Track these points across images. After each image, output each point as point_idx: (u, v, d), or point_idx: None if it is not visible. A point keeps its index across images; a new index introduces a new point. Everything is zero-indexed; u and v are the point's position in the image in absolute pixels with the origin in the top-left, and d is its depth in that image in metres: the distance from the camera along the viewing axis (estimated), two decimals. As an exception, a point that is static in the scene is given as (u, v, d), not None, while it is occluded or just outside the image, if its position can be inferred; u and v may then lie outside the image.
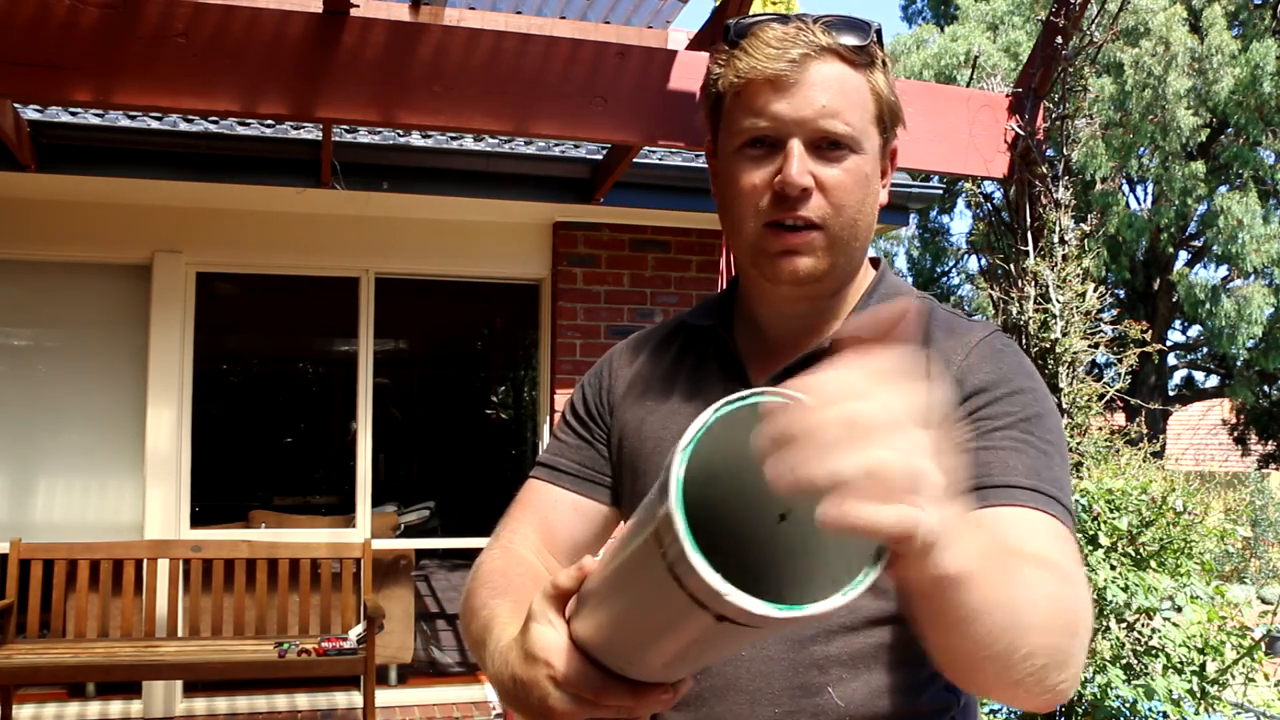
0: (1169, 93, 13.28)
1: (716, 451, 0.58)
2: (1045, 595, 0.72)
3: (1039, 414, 0.95)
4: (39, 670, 4.08)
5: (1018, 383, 0.96)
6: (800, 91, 0.94)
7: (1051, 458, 0.92)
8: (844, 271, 1.02)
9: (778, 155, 0.95)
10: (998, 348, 1.00)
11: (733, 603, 0.51)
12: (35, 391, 4.93)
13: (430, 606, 7.27)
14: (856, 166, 0.96)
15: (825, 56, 0.95)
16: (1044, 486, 0.89)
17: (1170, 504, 3.07)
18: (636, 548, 0.60)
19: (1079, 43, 3.40)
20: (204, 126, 4.54)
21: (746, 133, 0.97)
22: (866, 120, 0.97)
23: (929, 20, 18.27)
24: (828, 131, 0.94)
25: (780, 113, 0.95)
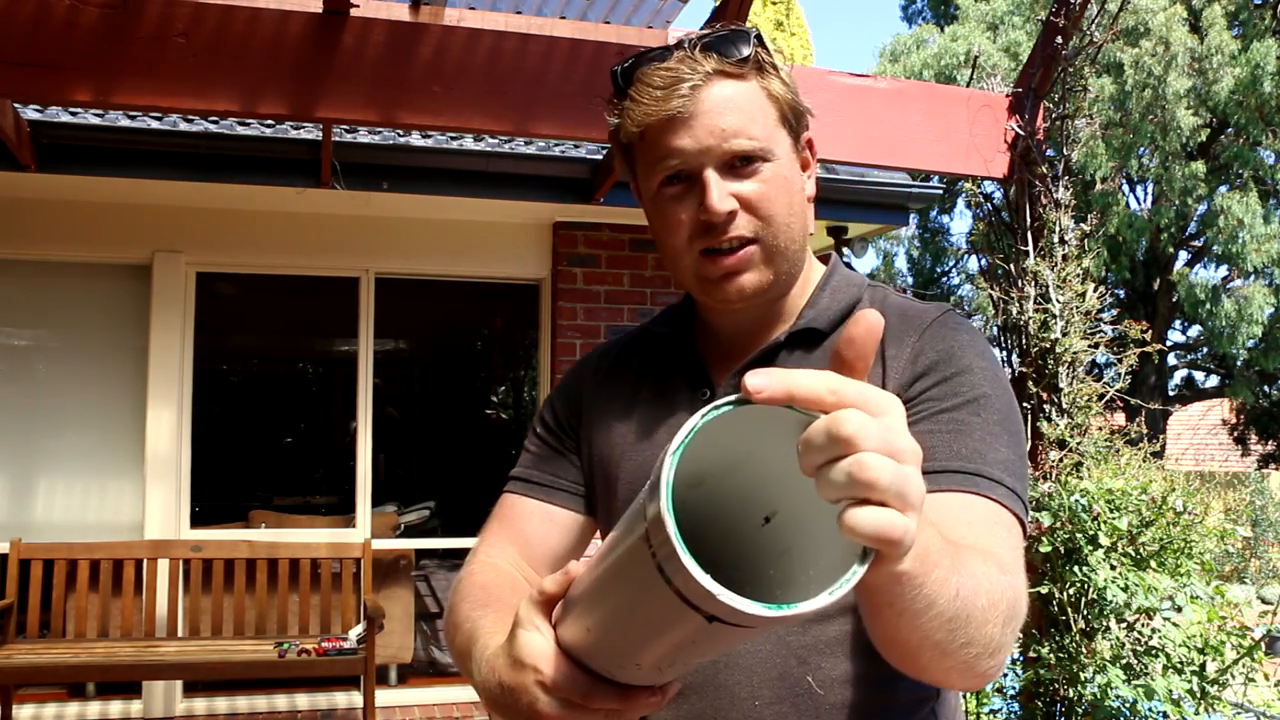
0: (1169, 93, 13.28)
1: (703, 455, 0.58)
2: (985, 588, 0.73)
3: (985, 394, 0.94)
4: (39, 670, 4.08)
5: (965, 361, 0.96)
6: (699, 122, 0.95)
7: (997, 438, 0.91)
8: (790, 274, 1.04)
9: (695, 186, 0.97)
10: (950, 326, 1.00)
11: (724, 603, 0.51)
12: (35, 391, 4.93)
13: (430, 606, 7.27)
14: (773, 174, 0.98)
15: (713, 80, 0.96)
16: (987, 470, 0.89)
17: (1170, 504, 3.07)
18: (625, 549, 0.60)
19: (1079, 43, 3.40)
20: (204, 126, 4.54)
21: (660, 173, 0.99)
22: (771, 126, 0.98)
23: (929, 20, 18.28)
24: (735, 151, 0.96)
25: (685, 148, 0.96)
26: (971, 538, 0.82)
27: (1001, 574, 0.77)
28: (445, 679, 5.47)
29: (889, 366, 0.98)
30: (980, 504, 0.87)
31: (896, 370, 0.97)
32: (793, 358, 1.04)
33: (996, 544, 0.83)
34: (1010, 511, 0.88)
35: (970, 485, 0.88)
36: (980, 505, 0.87)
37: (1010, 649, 0.78)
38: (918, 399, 0.95)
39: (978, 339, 1.00)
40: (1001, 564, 0.79)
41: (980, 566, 0.74)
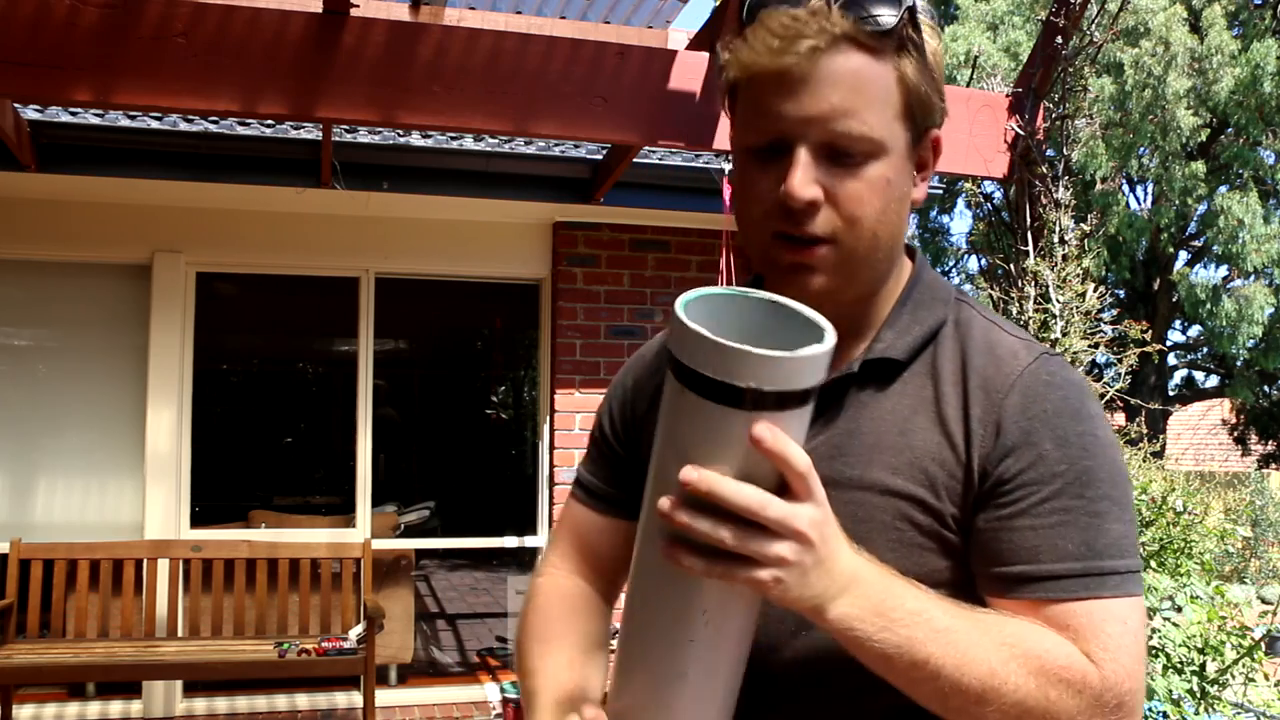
0: (1169, 93, 13.27)
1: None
2: (989, 673, 0.78)
3: (1089, 468, 0.85)
4: (39, 670, 4.08)
5: (1066, 428, 0.86)
6: (808, 89, 0.83)
7: (1104, 516, 0.84)
8: (869, 284, 0.93)
9: (785, 159, 0.85)
10: (1043, 380, 0.88)
11: (753, 354, 0.64)
12: (35, 391, 4.93)
13: (430, 606, 7.27)
14: (877, 173, 0.86)
15: (840, 46, 0.83)
16: (1095, 566, 0.83)
17: (1170, 504, 3.07)
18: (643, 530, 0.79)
19: (1079, 43, 3.40)
20: (204, 126, 4.54)
21: (751, 134, 0.88)
22: (889, 117, 0.86)
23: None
24: (839, 134, 0.84)
25: (785, 113, 0.84)
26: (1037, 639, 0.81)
27: (1031, 676, 0.79)
28: (445, 679, 5.47)
29: (972, 430, 0.88)
30: (1092, 607, 0.83)
31: (980, 438, 0.88)
32: (864, 394, 0.93)
33: (1100, 650, 0.81)
34: (1124, 597, 0.83)
35: (1080, 589, 0.83)
36: (1089, 608, 0.83)
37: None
38: (1010, 483, 0.86)
39: (1073, 391, 0.89)
40: (1044, 669, 0.79)
41: (996, 652, 0.78)
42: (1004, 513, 0.86)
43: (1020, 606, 0.84)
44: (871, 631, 0.75)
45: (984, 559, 0.87)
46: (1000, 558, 0.86)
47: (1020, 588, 0.84)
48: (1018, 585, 0.85)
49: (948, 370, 0.92)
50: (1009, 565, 0.85)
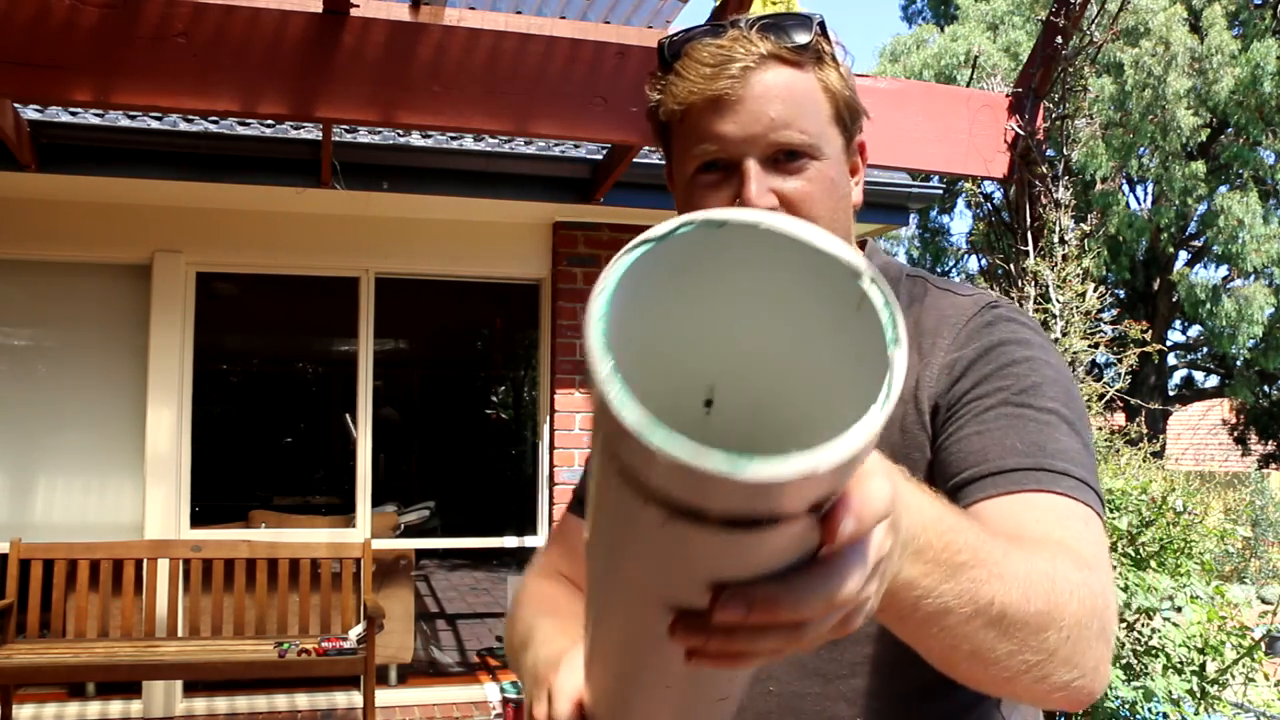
0: (1169, 93, 13.28)
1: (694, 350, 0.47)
2: (1043, 590, 0.65)
3: (1036, 383, 0.85)
4: (39, 670, 4.08)
5: (1009, 353, 0.88)
6: (745, 108, 0.88)
7: (1054, 427, 0.82)
8: None
9: (734, 178, 0.90)
10: (988, 320, 0.91)
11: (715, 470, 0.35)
12: (35, 391, 4.93)
13: (430, 606, 7.28)
14: (820, 173, 0.90)
15: (767, 64, 0.89)
16: (1049, 462, 0.79)
17: (1170, 504, 3.07)
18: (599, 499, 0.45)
19: (1079, 43, 3.41)
20: (204, 126, 4.54)
21: (697, 159, 0.91)
22: (823, 122, 0.91)
23: (929, 20, 18.28)
24: (782, 144, 0.89)
25: (728, 134, 0.89)
26: (1039, 535, 0.74)
27: (1076, 570, 0.69)
28: (445, 679, 5.47)
29: (922, 385, 0.90)
30: (1045, 500, 0.78)
31: (930, 381, 0.89)
32: None
33: (1070, 538, 0.74)
34: (1082, 504, 0.78)
35: (1032, 483, 0.78)
36: (1045, 501, 0.77)
37: (1098, 657, 0.69)
38: (958, 404, 0.86)
39: (1022, 326, 0.91)
40: (1078, 559, 0.70)
41: (1041, 564, 0.66)
42: (951, 429, 0.86)
43: (978, 510, 0.79)
44: (933, 584, 0.60)
45: (940, 480, 0.85)
46: (950, 469, 0.84)
47: (970, 490, 0.80)
48: (967, 489, 0.81)
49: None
50: (959, 473, 0.83)
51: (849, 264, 0.43)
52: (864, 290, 0.42)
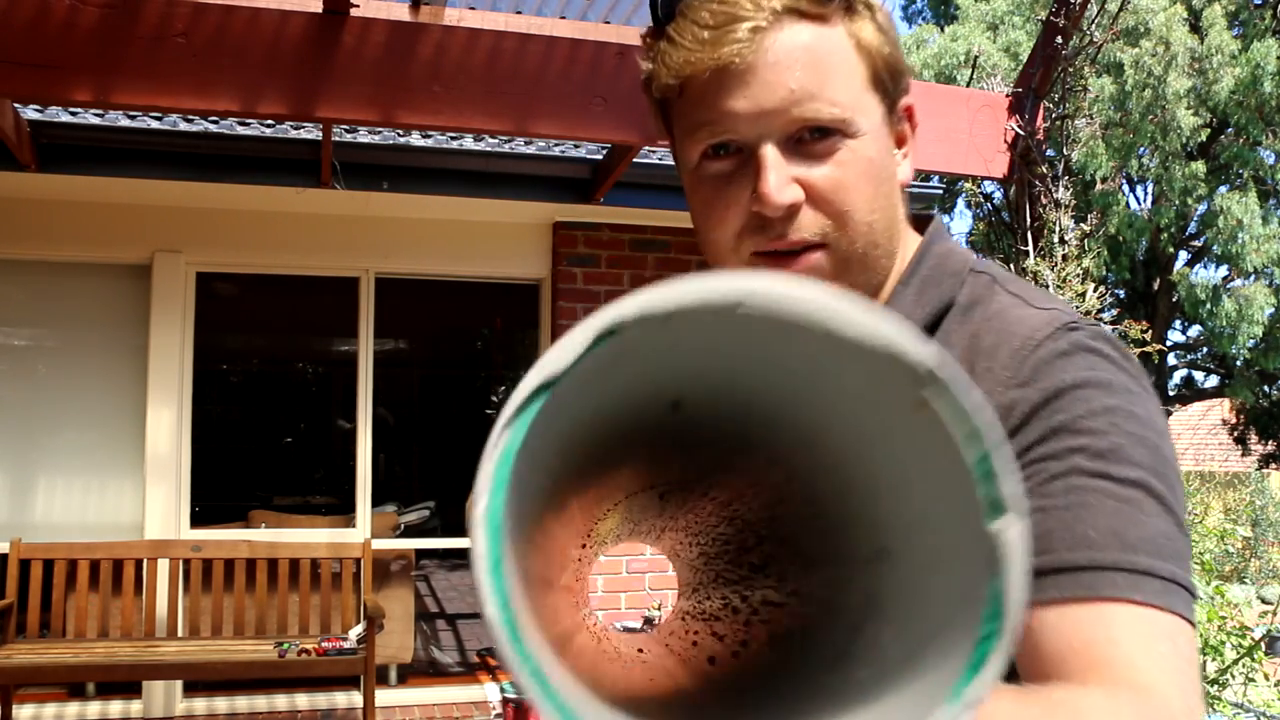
0: (1169, 93, 13.28)
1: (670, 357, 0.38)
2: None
3: (1118, 444, 0.65)
4: (39, 670, 4.08)
5: (1087, 399, 0.67)
6: (759, 78, 0.70)
7: (1139, 505, 0.63)
8: (872, 284, 0.79)
9: (749, 166, 0.72)
10: (1061, 349, 0.70)
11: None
12: (35, 391, 4.93)
13: (430, 606, 7.28)
14: (856, 154, 0.72)
15: (783, 21, 0.70)
16: (1129, 559, 0.62)
17: (1170, 504, 3.07)
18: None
19: (1079, 43, 3.40)
20: (204, 126, 4.54)
21: (700, 144, 0.74)
22: (857, 89, 0.73)
23: (929, 20, 18.28)
24: (807, 120, 0.71)
25: (739, 112, 0.71)
26: (1109, 670, 0.58)
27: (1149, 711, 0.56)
28: (445, 679, 5.47)
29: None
30: (1124, 613, 0.60)
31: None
32: None
33: (1154, 672, 0.58)
34: (1171, 613, 0.61)
35: (1107, 588, 0.61)
36: (1124, 615, 0.60)
37: None
38: (1022, 461, 0.68)
39: (1106, 361, 0.70)
40: (1149, 706, 0.56)
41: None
42: None
43: (1031, 618, 0.63)
44: None
45: None
46: None
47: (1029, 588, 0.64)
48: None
49: (955, 355, 0.76)
50: None
51: (905, 356, 0.31)
52: (925, 399, 0.31)
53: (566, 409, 0.34)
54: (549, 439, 0.34)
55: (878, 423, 0.34)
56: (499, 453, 0.30)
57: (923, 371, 0.31)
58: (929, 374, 0.31)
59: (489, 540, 0.29)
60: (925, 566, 0.34)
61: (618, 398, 0.39)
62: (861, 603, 0.39)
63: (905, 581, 0.36)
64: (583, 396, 0.35)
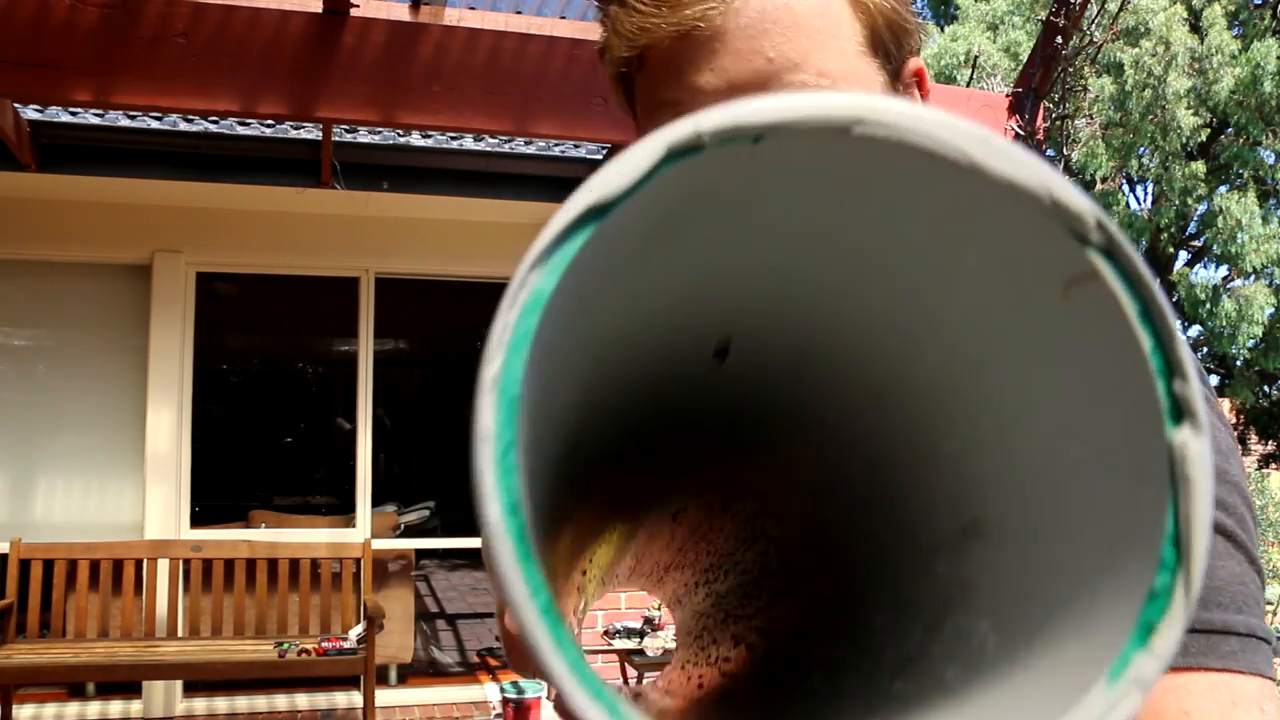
0: (1169, 93, 13.28)
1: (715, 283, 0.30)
2: None
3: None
4: (39, 670, 4.08)
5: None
6: (729, 46, 0.58)
7: (1225, 560, 0.55)
8: None
9: None
10: None
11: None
12: (35, 392, 4.93)
13: (430, 606, 7.28)
14: None
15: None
16: (1201, 619, 0.53)
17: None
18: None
19: (1079, 43, 3.41)
20: (204, 126, 4.54)
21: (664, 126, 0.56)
22: (851, 56, 0.60)
23: (929, 20, 18.28)
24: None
25: (705, 88, 0.58)
26: None
27: None
28: (445, 679, 5.47)
29: None
30: (1200, 682, 0.52)
31: None
32: None
33: None
34: (1251, 675, 0.53)
35: (1180, 655, 0.49)
36: (1200, 685, 0.52)
37: None
38: None
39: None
40: None
41: None
42: None
43: None
44: None
45: None
46: None
47: None
48: None
49: None
50: None
51: (1060, 206, 0.22)
52: (1091, 262, 0.22)
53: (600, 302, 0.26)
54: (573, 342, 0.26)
55: (1007, 320, 0.25)
56: (526, 297, 0.22)
57: (1091, 225, 0.22)
58: (1098, 227, 0.22)
59: (500, 416, 0.21)
60: (1047, 529, 0.25)
61: (660, 317, 0.30)
62: (941, 594, 0.30)
63: (1015, 555, 0.27)
64: (622, 283, 0.26)
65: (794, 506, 0.41)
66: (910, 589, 0.32)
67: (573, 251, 0.22)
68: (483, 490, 0.21)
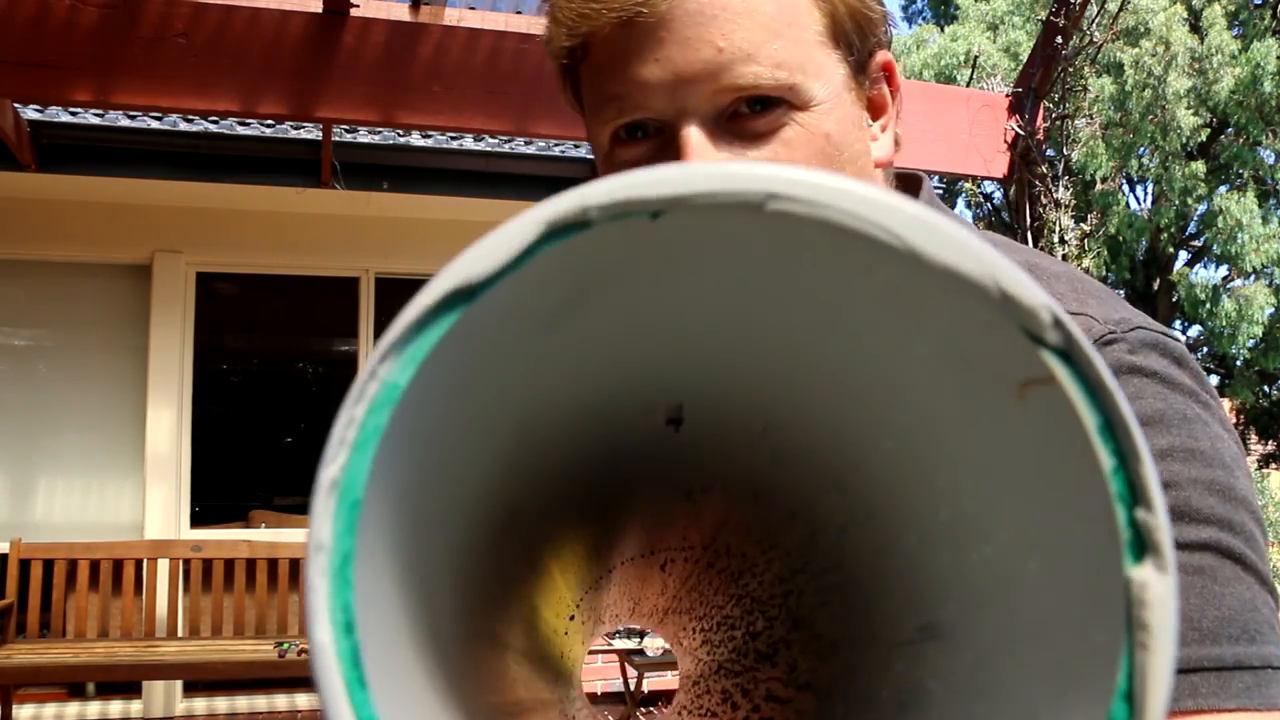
0: (1169, 92, 13.29)
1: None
2: None
3: (1185, 499, 0.51)
4: (39, 670, 4.08)
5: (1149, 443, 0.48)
6: (675, 34, 0.53)
7: (1214, 575, 0.50)
8: None
9: (670, 150, 0.56)
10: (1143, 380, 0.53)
11: None
12: (36, 392, 4.93)
13: (430, 606, 7.27)
14: (808, 130, 0.55)
15: None
16: (1211, 654, 0.48)
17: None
18: None
19: (1079, 43, 3.41)
20: (204, 126, 4.54)
21: (609, 124, 0.58)
22: (809, 45, 0.55)
23: (929, 20, 18.29)
24: (741, 90, 0.54)
25: (650, 80, 0.54)
26: None
27: None
28: (445, 679, 5.47)
29: None
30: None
31: None
32: None
33: None
34: (1264, 711, 0.48)
35: (1183, 698, 0.47)
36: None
37: None
38: None
39: (1170, 388, 0.53)
40: None
41: None
42: None
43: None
44: None
45: None
46: None
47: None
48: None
49: None
50: None
51: (1010, 300, 0.20)
52: (1045, 365, 0.20)
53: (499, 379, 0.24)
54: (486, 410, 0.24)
55: (962, 413, 0.23)
56: (376, 390, 0.20)
57: (1046, 322, 0.19)
58: (1054, 325, 0.19)
59: (339, 523, 0.19)
60: (998, 646, 0.23)
61: (592, 384, 0.28)
62: (895, 697, 0.28)
63: (966, 667, 0.25)
64: (527, 359, 0.24)
65: (774, 571, 0.39)
66: (870, 682, 0.31)
67: (433, 340, 0.20)
68: (312, 608, 0.19)
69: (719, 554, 0.42)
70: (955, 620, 0.26)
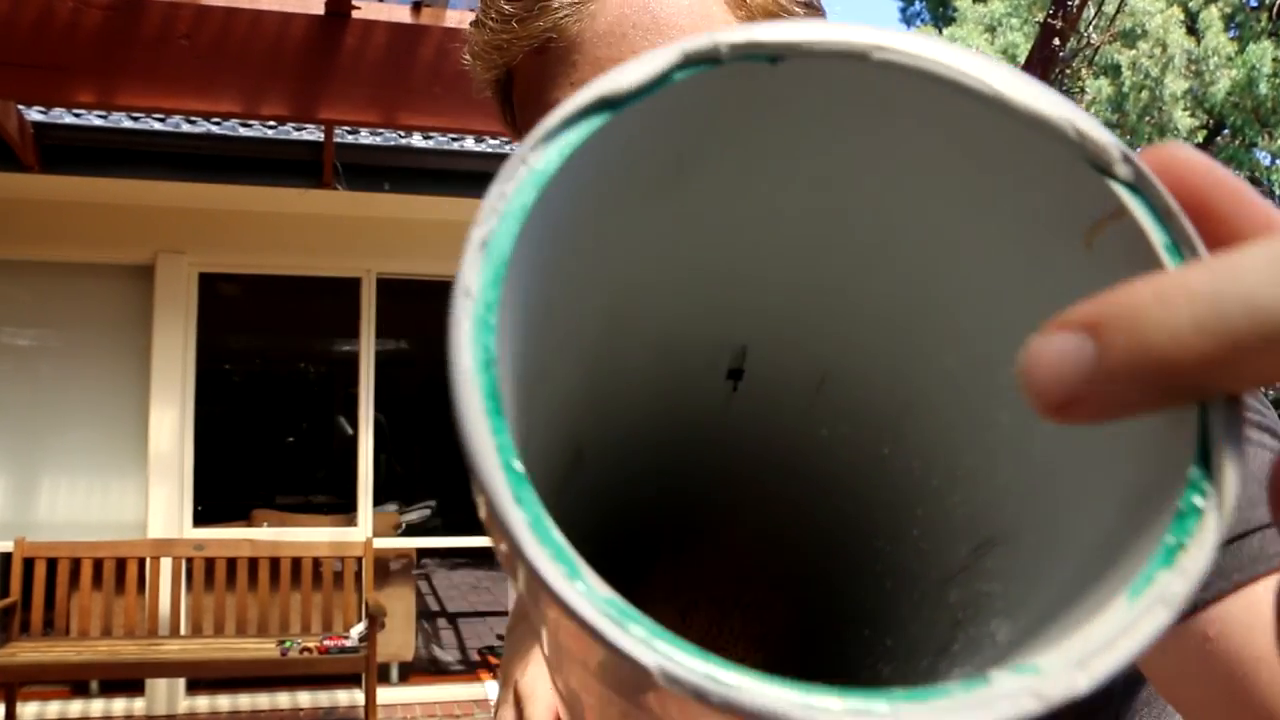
0: (1166, 94, 13.31)
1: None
2: None
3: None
4: (43, 668, 4.10)
5: None
6: (588, 55, 0.52)
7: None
8: None
9: None
10: None
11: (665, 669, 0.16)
12: (39, 392, 4.95)
13: (431, 605, 7.30)
14: None
15: None
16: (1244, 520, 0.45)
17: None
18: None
19: (1076, 45, 3.44)
20: (206, 128, 4.57)
21: None
22: None
23: (927, 22, 18.31)
24: None
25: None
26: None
27: None
28: (446, 676, 5.49)
29: None
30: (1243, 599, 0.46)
31: None
32: None
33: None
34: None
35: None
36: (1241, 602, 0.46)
37: None
38: None
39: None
40: None
41: None
42: None
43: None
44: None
45: None
46: None
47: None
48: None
49: None
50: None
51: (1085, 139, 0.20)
52: (1117, 197, 0.20)
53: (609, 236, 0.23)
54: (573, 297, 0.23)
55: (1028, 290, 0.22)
56: (524, 173, 0.20)
57: (1116, 156, 0.20)
58: (1123, 160, 0.20)
59: (485, 275, 0.20)
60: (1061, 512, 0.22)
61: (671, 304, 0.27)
62: (949, 621, 0.27)
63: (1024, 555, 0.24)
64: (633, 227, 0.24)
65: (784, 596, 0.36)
66: (917, 625, 0.29)
67: (579, 138, 0.20)
68: (457, 341, 0.19)
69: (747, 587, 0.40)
70: (1017, 513, 0.25)
